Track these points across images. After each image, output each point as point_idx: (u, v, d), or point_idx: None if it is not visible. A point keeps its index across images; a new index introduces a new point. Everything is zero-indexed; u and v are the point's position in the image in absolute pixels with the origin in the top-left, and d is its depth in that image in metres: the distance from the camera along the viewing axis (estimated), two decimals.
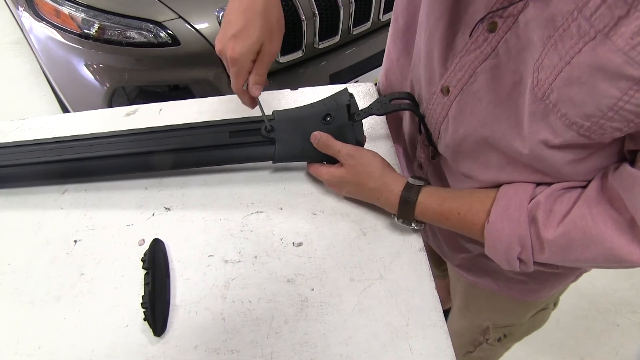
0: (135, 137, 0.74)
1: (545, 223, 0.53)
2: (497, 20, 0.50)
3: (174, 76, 1.51)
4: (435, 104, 0.63)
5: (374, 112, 0.72)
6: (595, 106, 0.43)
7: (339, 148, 0.68)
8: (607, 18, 0.39)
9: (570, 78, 0.43)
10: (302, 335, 0.59)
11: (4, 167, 0.74)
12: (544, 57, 0.45)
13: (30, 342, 0.60)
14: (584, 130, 0.46)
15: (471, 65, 0.55)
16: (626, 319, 1.74)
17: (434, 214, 0.64)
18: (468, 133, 0.59)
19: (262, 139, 0.72)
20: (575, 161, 0.52)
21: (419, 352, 0.58)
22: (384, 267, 0.65)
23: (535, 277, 0.77)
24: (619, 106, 0.42)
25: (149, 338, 0.60)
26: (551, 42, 0.44)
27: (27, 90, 2.53)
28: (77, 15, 1.44)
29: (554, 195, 0.54)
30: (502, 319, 0.93)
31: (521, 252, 0.56)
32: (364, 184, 0.67)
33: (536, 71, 0.47)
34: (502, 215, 0.57)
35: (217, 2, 1.44)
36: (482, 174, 0.62)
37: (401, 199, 0.65)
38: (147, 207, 0.73)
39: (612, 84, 0.41)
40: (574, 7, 0.42)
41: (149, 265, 0.64)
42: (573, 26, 0.42)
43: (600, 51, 0.41)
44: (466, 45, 0.55)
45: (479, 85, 0.55)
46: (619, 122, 0.43)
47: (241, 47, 0.62)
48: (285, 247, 0.67)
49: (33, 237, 0.71)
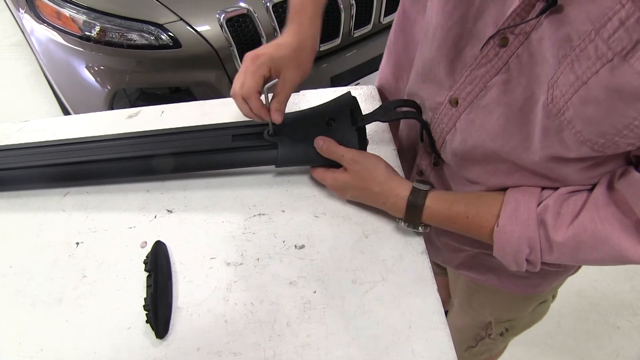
0: (137, 141, 0.74)
1: (554, 226, 0.54)
2: (508, 36, 0.50)
3: (175, 78, 1.51)
4: (442, 114, 0.64)
5: (378, 118, 0.72)
6: (611, 125, 0.44)
7: (343, 153, 0.68)
8: (625, 41, 0.39)
9: (587, 97, 0.44)
10: (305, 338, 0.59)
11: (6, 170, 0.74)
12: (559, 75, 0.45)
13: (32, 344, 0.60)
14: (598, 146, 0.46)
15: (482, 79, 0.55)
16: (627, 322, 1.74)
17: (441, 218, 0.64)
18: (477, 145, 0.59)
19: (265, 143, 0.72)
20: (584, 169, 0.53)
21: (421, 354, 0.58)
22: (386, 269, 0.65)
23: (537, 272, 0.77)
24: (634, 125, 0.42)
25: (151, 340, 0.60)
26: (567, 61, 0.44)
27: (27, 92, 2.54)
28: (78, 17, 1.45)
29: (561, 199, 0.55)
30: (505, 314, 0.94)
31: (530, 253, 0.57)
32: (369, 188, 0.67)
33: (551, 88, 0.47)
34: (511, 219, 0.57)
35: (218, 4, 1.45)
36: (489, 180, 0.62)
37: (408, 203, 0.65)
38: (149, 210, 0.73)
39: (630, 105, 0.41)
40: (592, 28, 0.41)
41: (151, 267, 0.64)
42: (590, 47, 0.42)
43: (617, 73, 0.41)
44: (477, 58, 0.55)
45: (490, 99, 0.55)
46: (633, 138, 0.44)
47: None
48: (288, 249, 0.67)
49: (35, 239, 0.71)
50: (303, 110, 0.76)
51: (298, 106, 0.88)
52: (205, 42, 1.43)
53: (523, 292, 0.85)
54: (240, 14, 1.44)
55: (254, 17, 1.45)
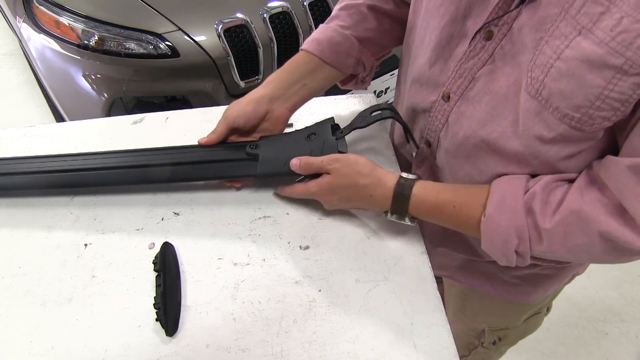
0: (125, 154, 0.77)
1: (542, 213, 0.55)
2: (493, 29, 0.55)
3: (173, 87, 1.53)
4: (436, 112, 0.67)
5: (357, 125, 0.73)
6: (584, 96, 0.48)
7: (321, 160, 0.69)
8: (590, 15, 0.45)
9: (559, 72, 0.48)
10: (311, 334, 0.61)
11: (12, 174, 0.76)
12: (536, 57, 0.50)
13: (44, 342, 0.61)
14: (574, 122, 0.50)
15: (470, 72, 0.60)
16: (615, 328, 1.78)
17: (429, 207, 0.64)
18: (467, 135, 0.62)
19: (246, 156, 0.74)
20: (568, 157, 0.55)
21: (423, 349, 0.60)
22: (388, 269, 0.68)
23: (529, 279, 0.80)
24: (604, 95, 0.47)
25: (161, 338, 0.61)
26: (542, 43, 0.50)
27: (21, 101, 2.53)
28: (77, 26, 1.46)
29: (549, 187, 0.56)
30: (498, 322, 0.96)
31: (519, 244, 0.57)
32: (355, 182, 0.66)
33: (530, 71, 0.51)
34: (498, 208, 0.58)
35: (216, 15, 1.47)
36: (479, 177, 0.64)
37: (395, 192, 0.65)
38: (156, 212, 0.75)
39: (597, 74, 0.46)
40: (561, 9, 0.47)
41: (160, 267, 0.65)
42: (562, 25, 0.48)
43: (585, 44, 0.46)
44: (465, 53, 0.60)
45: (478, 90, 0.59)
46: (606, 110, 0.48)
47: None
48: (293, 250, 0.70)
49: (43, 240, 0.72)
50: (285, 132, 0.79)
51: (300, 113, 0.91)
52: (203, 52, 1.45)
53: (516, 300, 0.86)
54: (237, 24, 1.47)
55: (251, 27, 1.48)
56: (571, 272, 0.82)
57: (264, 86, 0.76)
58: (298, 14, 1.55)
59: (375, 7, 0.77)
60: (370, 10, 0.76)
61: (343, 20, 0.77)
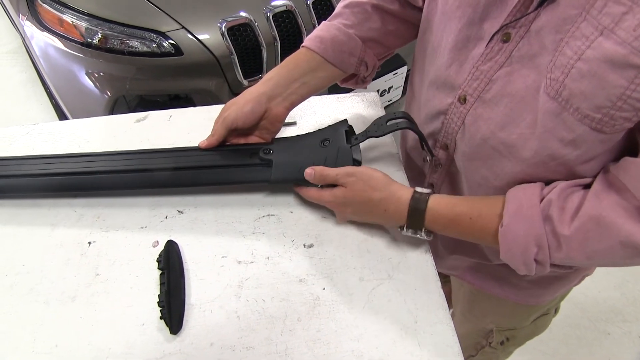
0: (133, 156, 0.76)
1: (560, 219, 0.54)
2: (510, 31, 0.55)
3: (176, 86, 1.53)
4: (452, 114, 0.66)
5: (372, 134, 0.72)
6: (606, 97, 0.47)
7: (335, 173, 0.68)
8: (612, 15, 0.45)
9: (581, 72, 0.48)
10: (315, 332, 0.61)
11: (16, 176, 0.76)
12: (556, 58, 0.50)
13: (47, 340, 0.61)
14: (595, 122, 0.49)
15: (487, 74, 0.59)
16: (617, 328, 1.77)
17: (445, 221, 0.64)
18: (485, 137, 0.61)
19: (260, 161, 0.74)
20: (586, 159, 0.55)
21: (427, 347, 0.60)
22: (392, 267, 0.68)
23: (539, 282, 0.79)
24: (627, 95, 0.46)
25: (165, 336, 0.61)
26: (562, 44, 0.49)
27: (23, 99, 2.54)
28: (80, 24, 1.46)
29: (564, 193, 0.55)
30: (506, 322, 0.95)
31: (538, 252, 0.56)
32: (369, 197, 0.66)
33: (549, 72, 0.51)
34: (515, 217, 0.57)
35: (219, 13, 1.47)
36: (495, 181, 0.63)
37: (410, 206, 0.64)
38: (160, 210, 0.75)
39: (620, 74, 0.45)
40: (581, 10, 0.47)
41: (164, 265, 0.65)
42: (582, 26, 0.47)
43: (607, 44, 0.45)
44: (482, 55, 0.59)
45: (495, 92, 0.59)
46: (627, 111, 0.47)
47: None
48: (297, 248, 0.70)
49: (47, 239, 0.72)
50: (299, 135, 0.79)
51: (303, 112, 0.91)
52: (207, 50, 1.45)
53: (525, 302, 0.85)
54: (241, 23, 1.47)
55: (255, 26, 1.48)
56: (581, 273, 0.81)
57: (263, 83, 0.75)
58: (302, 12, 1.55)
59: (380, 6, 0.76)
60: (375, 9, 0.76)
61: (347, 18, 0.76)
